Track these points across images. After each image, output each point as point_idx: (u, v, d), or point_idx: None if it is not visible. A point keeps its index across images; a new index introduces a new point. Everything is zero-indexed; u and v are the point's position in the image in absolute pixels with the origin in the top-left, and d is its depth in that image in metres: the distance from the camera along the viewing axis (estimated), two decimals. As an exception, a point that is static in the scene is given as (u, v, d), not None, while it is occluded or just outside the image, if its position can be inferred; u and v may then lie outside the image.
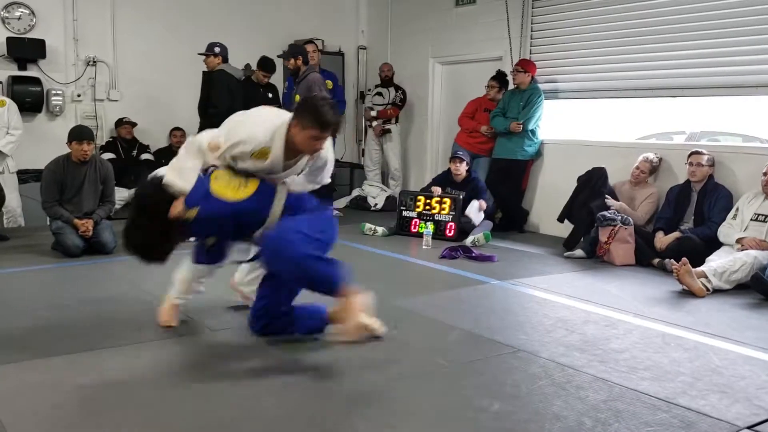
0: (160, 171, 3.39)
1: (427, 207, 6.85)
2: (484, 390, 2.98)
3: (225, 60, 7.40)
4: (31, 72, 7.67)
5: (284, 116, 3.34)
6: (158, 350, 3.41)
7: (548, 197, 7.34)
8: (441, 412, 2.74)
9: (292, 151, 3.31)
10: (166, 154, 7.63)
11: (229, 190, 3.21)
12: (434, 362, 3.32)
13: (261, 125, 3.29)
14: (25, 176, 7.18)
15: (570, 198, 6.43)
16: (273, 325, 3.43)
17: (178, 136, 8.12)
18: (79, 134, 5.77)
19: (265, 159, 3.26)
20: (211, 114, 7.00)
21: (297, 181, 3.55)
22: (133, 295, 4.47)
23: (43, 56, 7.66)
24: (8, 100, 6.96)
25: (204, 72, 7.50)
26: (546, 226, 7.35)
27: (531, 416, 2.72)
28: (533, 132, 7.21)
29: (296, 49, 7.37)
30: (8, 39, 7.43)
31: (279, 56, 7.37)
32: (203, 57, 7.37)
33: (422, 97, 8.99)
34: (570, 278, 5.28)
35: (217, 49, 7.33)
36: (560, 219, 6.51)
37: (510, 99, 7.29)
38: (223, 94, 7.18)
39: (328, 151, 3.55)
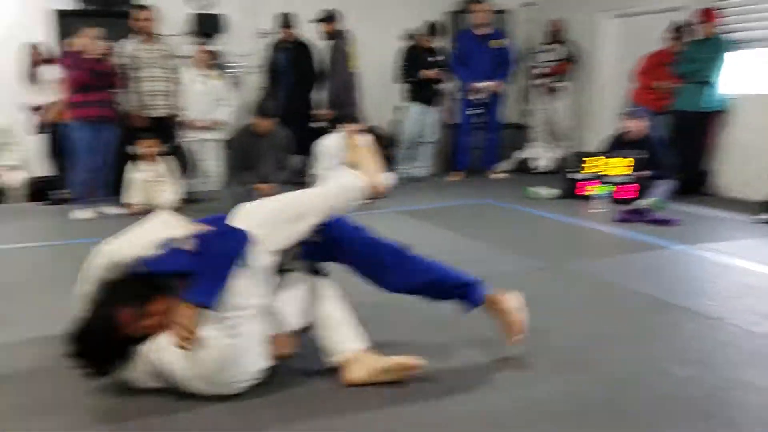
0: None
1: (598, 168, 6.62)
2: (670, 355, 2.89)
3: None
4: (213, 46, 8.16)
5: None
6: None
7: (737, 157, 6.83)
8: (627, 376, 2.69)
9: None
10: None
11: None
12: (616, 327, 3.26)
13: None
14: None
15: None
16: None
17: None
18: (261, 110, 6.12)
19: None
20: None
21: None
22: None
23: (223, 30, 8.13)
24: (224, 75, 7.52)
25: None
26: (734, 188, 6.86)
27: (721, 383, 2.61)
28: (716, 83, 6.75)
29: (329, 14, 7.31)
30: (192, 15, 7.96)
31: (317, 20, 7.37)
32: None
33: (592, 52, 8.64)
34: (759, 244, 4.93)
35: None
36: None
37: (696, 49, 6.83)
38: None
39: None
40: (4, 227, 5.85)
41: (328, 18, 7.33)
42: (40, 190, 7.16)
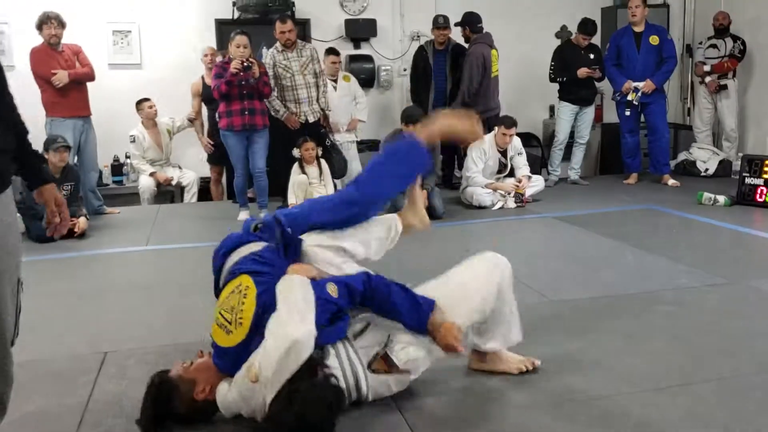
0: None
1: (778, 172, 6.07)
2: None
3: None
4: (365, 50, 8.27)
5: None
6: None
7: None
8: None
9: None
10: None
11: None
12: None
13: None
14: (361, 146, 7.75)
15: None
16: None
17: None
18: (407, 118, 6.09)
19: None
20: None
21: None
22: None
23: (374, 34, 8.23)
24: (351, 75, 7.59)
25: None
26: None
27: None
28: None
29: (467, 18, 7.15)
30: (346, 21, 8.11)
31: (456, 24, 7.26)
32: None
33: (765, 45, 7.96)
34: None
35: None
36: None
37: None
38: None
39: None
40: (178, 225, 6.23)
41: (464, 22, 7.22)
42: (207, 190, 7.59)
